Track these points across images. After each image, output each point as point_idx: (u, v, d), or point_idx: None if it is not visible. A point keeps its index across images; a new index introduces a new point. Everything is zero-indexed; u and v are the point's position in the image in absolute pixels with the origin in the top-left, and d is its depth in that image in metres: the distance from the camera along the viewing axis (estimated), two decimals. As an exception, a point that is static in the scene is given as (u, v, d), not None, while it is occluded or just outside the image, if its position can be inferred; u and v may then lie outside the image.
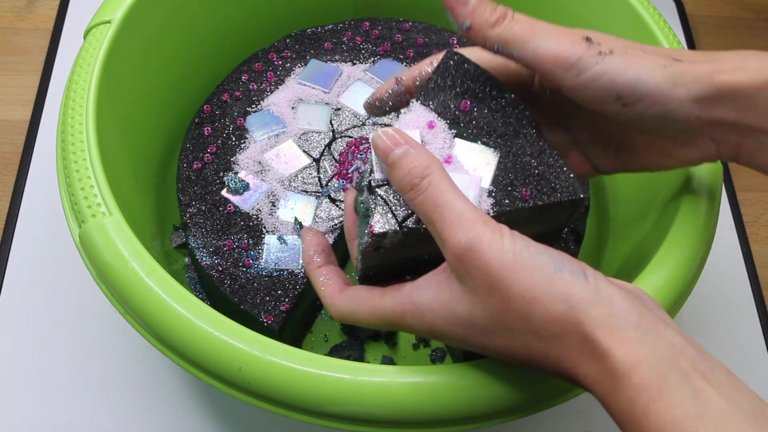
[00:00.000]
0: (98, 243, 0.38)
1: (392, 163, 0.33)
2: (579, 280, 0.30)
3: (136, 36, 0.47)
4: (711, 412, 0.26)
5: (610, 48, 0.34)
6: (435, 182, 0.32)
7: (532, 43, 0.34)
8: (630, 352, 0.28)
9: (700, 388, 0.27)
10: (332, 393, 0.34)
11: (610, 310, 0.29)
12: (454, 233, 0.30)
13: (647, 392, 0.27)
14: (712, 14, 0.81)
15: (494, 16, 0.35)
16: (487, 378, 0.34)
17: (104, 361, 0.53)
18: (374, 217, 0.33)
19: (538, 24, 0.35)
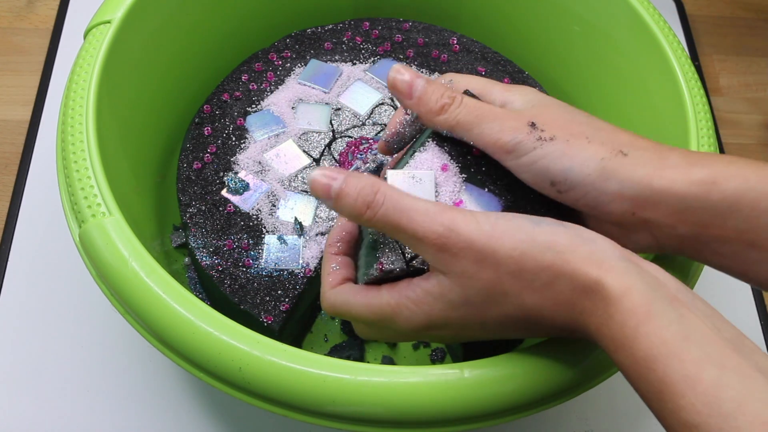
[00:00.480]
0: (98, 243, 0.38)
1: (337, 194, 0.33)
2: (559, 228, 0.31)
3: (136, 36, 0.48)
4: (696, 335, 0.27)
5: (552, 134, 0.34)
6: (389, 194, 0.32)
7: (477, 129, 0.35)
8: (619, 279, 0.29)
9: (684, 314, 0.28)
10: (332, 393, 0.34)
11: (594, 248, 0.31)
12: (428, 227, 0.31)
13: (637, 316, 0.28)
14: (712, 14, 0.81)
15: (438, 104, 0.36)
16: (486, 378, 0.34)
17: (104, 361, 0.53)
18: (384, 253, 0.35)
19: (483, 109, 0.35)
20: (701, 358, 0.27)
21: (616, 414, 0.54)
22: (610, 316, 0.29)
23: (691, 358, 0.27)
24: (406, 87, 0.36)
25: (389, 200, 0.32)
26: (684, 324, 0.28)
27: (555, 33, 0.57)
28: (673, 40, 0.48)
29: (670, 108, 0.47)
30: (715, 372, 0.26)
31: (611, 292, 0.29)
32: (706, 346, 0.27)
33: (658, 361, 0.27)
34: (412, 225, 0.32)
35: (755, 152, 0.72)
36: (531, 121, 0.34)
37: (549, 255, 0.31)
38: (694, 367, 0.27)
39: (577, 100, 0.57)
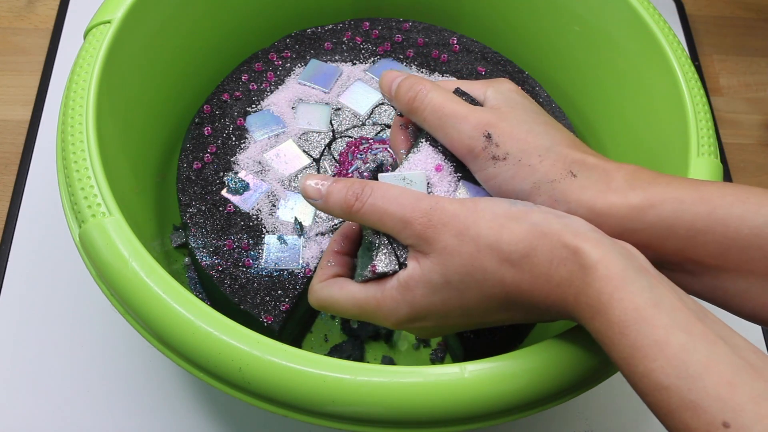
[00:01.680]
0: (98, 243, 0.38)
1: (327, 193, 0.35)
2: (532, 207, 0.33)
3: (136, 36, 0.47)
4: (665, 303, 0.29)
5: (506, 152, 0.35)
6: (376, 186, 0.35)
7: (441, 130, 0.37)
8: (595, 247, 0.30)
9: (654, 283, 0.29)
10: (332, 393, 0.34)
11: (568, 221, 0.32)
12: (415, 208, 0.33)
13: (612, 282, 0.29)
14: (712, 14, 0.81)
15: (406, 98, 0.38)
16: (487, 378, 0.34)
17: (104, 361, 0.53)
18: (378, 256, 0.35)
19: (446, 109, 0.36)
20: (670, 324, 0.28)
21: (616, 414, 0.54)
22: (587, 284, 0.30)
23: (661, 323, 0.28)
24: (387, 87, 0.39)
25: (377, 191, 0.34)
26: (654, 292, 0.29)
27: (555, 33, 0.57)
28: (673, 40, 0.48)
29: (670, 108, 0.47)
30: (683, 337, 0.27)
31: (588, 259, 0.30)
32: (674, 313, 0.28)
33: (630, 327, 0.28)
34: (400, 209, 0.34)
35: (755, 152, 0.72)
36: (487, 132, 0.35)
37: (526, 226, 0.32)
38: (664, 332, 0.28)
39: (577, 100, 0.57)
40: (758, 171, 0.71)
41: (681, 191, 0.34)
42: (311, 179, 0.36)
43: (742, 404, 0.26)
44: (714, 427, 0.26)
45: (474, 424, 0.35)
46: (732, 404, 0.26)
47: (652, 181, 0.35)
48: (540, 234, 0.32)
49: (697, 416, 0.26)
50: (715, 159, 0.44)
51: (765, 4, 0.82)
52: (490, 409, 0.34)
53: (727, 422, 0.25)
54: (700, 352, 0.27)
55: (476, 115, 0.36)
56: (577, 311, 0.31)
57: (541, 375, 0.35)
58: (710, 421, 0.26)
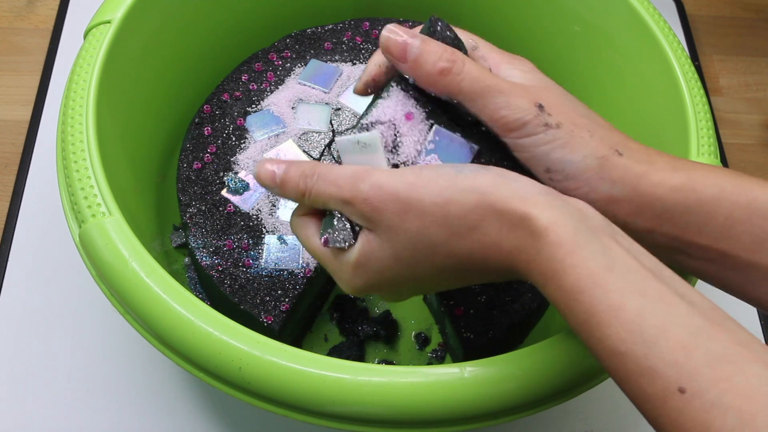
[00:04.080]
0: (98, 243, 0.38)
1: (282, 180, 0.35)
2: (480, 171, 0.32)
3: (136, 36, 0.47)
4: (619, 266, 0.28)
5: (558, 121, 0.34)
6: (320, 170, 0.34)
7: (481, 101, 0.34)
8: (544, 212, 0.29)
9: (607, 245, 0.29)
10: (332, 393, 0.34)
11: (517, 185, 0.31)
12: (356, 188, 0.33)
13: (563, 248, 0.29)
14: (712, 14, 0.81)
15: (437, 68, 0.34)
16: (486, 378, 0.34)
17: (104, 361, 0.53)
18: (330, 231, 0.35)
19: (489, 80, 0.34)
20: (624, 288, 0.27)
21: (616, 414, 0.54)
22: (537, 251, 0.29)
23: (615, 287, 0.27)
24: (399, 49, 0.35)
25: (320, 176, 0.34)
26: (607, 255, 0.28)
27: (555, 33, 0.57)
28: (673, 40, 0.48)
29: (670, 108, 0.47)
30: (638, 300, 0.27)
31: (537, 225, 0.29)
32: (628, 275, 0.28)
33: (584, 293, 0.28)
34: (340, 191, 0.33)
35: (755, 152, 0.72)
36: (539, 103, 0.34)
37: (473, 197, 0.31)
38: (618, 296, 0.27)
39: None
40: (758, 171, 0.71)
41: (722, 179, 0.34)
42: (267, 164, 0.36)
43: (698, 368, 0.25)
44: (670, 392, 0.26)
45: (474, 424, 0.35)
46: (688, 369, 0.25)
47: (694, 166, 0.34)
48: (488, 204, 0.31)
49: (653, 382, 0.26)
50: (715, 159, 0.44)
51: (765, 4, 0.82)
52: (490, 409, 0.34)
53: (683, 387, 0.25)
54: (656, 316, 0.27)
55: (523, 88, 0.35)
56: (530, 277, 0.30)
57: (541, 375, 0.35)
58: (666, 387, 0.26)
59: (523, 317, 0.47)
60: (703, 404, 0.25)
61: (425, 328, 0.54)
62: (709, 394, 0.25)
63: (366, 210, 0.33)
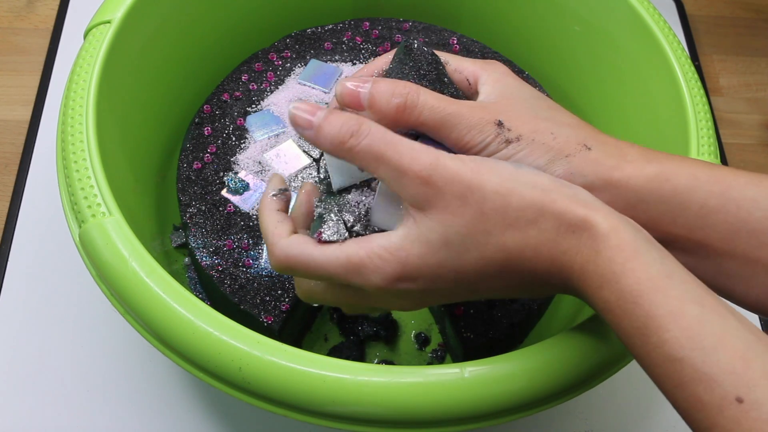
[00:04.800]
0: (98, 243, 0.38)
1: (320, 124, 0.32)
2: (538, 172, 0.32)
3: (136, 36, 0.47)
4: (677, 275, 0.29)
5: (518, 134, 0.34)
6: (374, 127, 0.32)
7: (443, 131, 0.34)
8: (606, 218, 0.30)
9: (664, 255, 0.29)
10: (332, 393, 0.34)
11: (576, 191, 0.32)
12: (416, 159, 0.31)
13: (625, 252, 0.29)
14: (712, 14, 0.81)
15: (392, 106, 0.34)
16: (486, 378, 0.34)
17: (104, 361, 0.53)
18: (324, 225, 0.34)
19: (447, 109, 0.34)
20: (683, 295, 0.28)
21: (616, 414, 0.54)
22: (597, 252, 0.29)
23: (675, 294, 0.28)
24: (353, 98, 0.34)
25: (375, 131, 0.32)
26: (666, 263, 0.29)
27: (555, 33, 0.57)
28: (673, 40, 0.48)
29: (670, 108, 0.47)
30: (697, 309, 0.27)
31: (599, 228, 0.30)
32: (686, 285, 0.28)
33: (644, 297, 0.28)
34: (398, 156, 0.31)
35: (755, 152, 0.72)
36: (498, 120, 0.34)
37: (535, 192, 0.31)
38: (678, 302, 0.27)
39: (578, 100, 0.57)
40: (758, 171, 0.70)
41: (695, 168, 0.34)
42: (303, 105, 0.33)
43: (756, 379, 0.25)
44: (727, 401, 0.25)
45: (474, 424, 0.35)
46: (746, 379, 0.25)
47: (667, 157, 0.34)
48: (550, 200, 0.31)
49: (710, 389, 0.26)
50: (715, 159, 0.44)
51: (765, 4, 0.82)
52: (490, 409, 0.34)
53: (741, 397, 0.25)
54: (713, 325, 0.27)
55: (481, 108, 0.35)
56: (582, 280, 0.30)
57: (540, 375, 0.35)
58: (724, 396, 0.25)
59: (523, 317, 0.47)
60: (760, 415, 0.25)
61: (425, 328, 0.54)
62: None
63: (423, 186, 0.31)
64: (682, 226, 0.34)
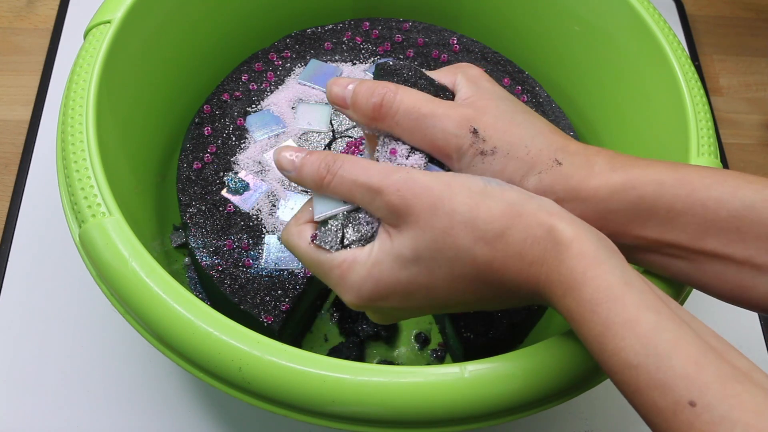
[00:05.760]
0: (98, 243, 0.38)
1: (301, 165, 0.35)
2: (506, 186, 0.33)
3: (136, 36, 0.47)
4: (635, 283, 0.29)
5: (494, 146, 0.35)
6: (347, 158, 0.34)
7: (418, 133, 0.35)
8: (569, 226, 0.31)
9: (624, 262, 0.30)
10: (332, 393, 0.34)
11: (542, 202, 0.32)
12: (388, 177, 0.33)
13: (585, 260, 0.29)
14: (712, 14, 0.81)
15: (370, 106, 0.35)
16: (486, 378, 0.34)
17: (104, 361, 0.53)
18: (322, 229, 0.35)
19: (422, 109, 0.35)
20: (640, 303, 0.28)
21: (616, 414, 0.54)
22: (561, 261, 0.30)
23: (632, 302, 0.28)
24: (340, 97, 0.36)
25: (347, 162, 0.34)
26: (625, 271, 0.29)
27: (555, 33, 0.57)
28: (673, 40, 0.48)
29: (670, 108, 0.47)
30: (653, 316, 0.28)
31: (563, 236, 0.30)
32: (643, 293, 0.29)
33: (602, 305, 0.28)
34: (368, 177, 0.33)
35: (755, 152, 0.72)
36: (473, 127, 0.35)
37: (502, 205, 0.32)
38: (635, 310, 0.28)
39: (577, 100, 0.57)
40: (758, 171, 0.71)
41: (661, 173, 0.34)
42: (286, 151, 0.36)
43: (708, 383, 0.26)
44: (681, 405, 0.26)
45: (474, 424, 0.35)
46: (699, 383, 0.26)
47: (633, 164, 0.35)
48: (516, 213, 0.31)
49: (664, 395, 0.26)
50: (715, 159, 0.44)
51: (765, 4, 0.82)
52: (490, 409, 0.34)
53: (694, 401, 0.26)
54: (668, 332, 0.27)
55: (457, 111, 0.35)
56: (548, 290, 0.31)
57: (540, 375, 0.35)
58: (677, 400, 0.26)
59: (523, 317, 0.47)
60: (712, 418, 0.25)
61: (425, 328, 0.54)
62: (719, 408, 0.25)
63: (395, 201, 0.32)
64: (653, 230, 0.34)
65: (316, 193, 0.36)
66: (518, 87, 0.56)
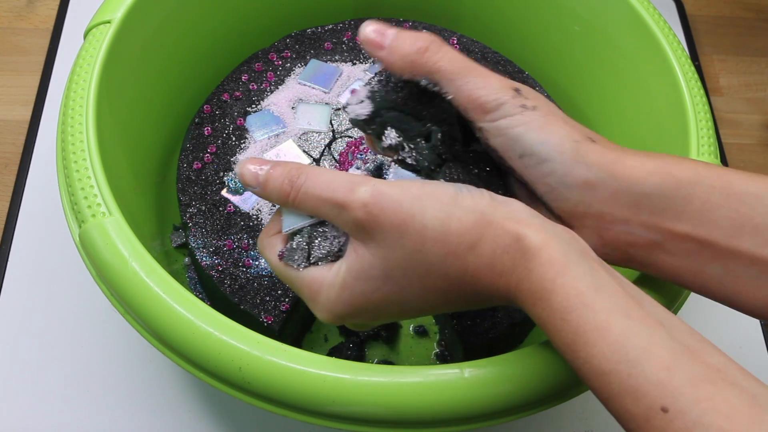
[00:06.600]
0: (98, 243, 0.38)
1: (264, 180, 0.34)
2: (477, 193, 0.32)
3: (136, 36, 0.47)
4: (606, 287, 0.28)
5: (535, 104, 0.34)
6: (311, 171, 0.33)
7: (459, 80, 0.34)
8: (537, 233, 0.30)
9: (594, 267, 0.29)
10: (332, 393, 0.34)
11: (511, 208, 0.31)
12: (353, 193, 0.31)
13: (554, 268, 0.29)
14: (712, 14, 0.81)
15: (414, 47, 0.34)
16: (486, 378, 0.34)
17: (104, 361, 0.53)
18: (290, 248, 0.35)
19: (467, 61, 0.34)
20: (610, 309, 0.28)
21: (616, 414, 0.54)
22: (529, 270, 0.29)
23: (602, 308, 0.28)
24: (377, 36, 0.35)
25: (311, 176, 0.33)
26: (595, 276, 0.29)
27: (555, 33, 0.57)
28: (673, 40, 0.48)
29: (670, 108, 0.47)
30: (624, 321, 0.27)
31: (531, 245, 0.30)
32: (614, 297, 0.28)
33: (572, 312, 0.28)
34: (334, 196, 0.32)
35: (755, 152, 0.72)
36: (516, 87, 0.34)
37: (473, 216, 0.31)
38: (605, 317, 0.28)
39: (577, 100, 0.57)
40: (758, 171, 0.70)
41: (696, 164, 0.34)
42: (250, 164, 0.34)
43: (680, 388, 0.26)
44: (653, 411, 0.26)
45: (474, 424, 0.35)
46: (670, 388, 0.26)
47: (668, 155, 0.35)
48: (486, 223, 0.31)
49: (636, 401, 0.26)
50: (715, 159, 0.44)
51: (765, 4, 0.82)
52: (490, 409, 0.34)
53: (666, 407, 0.26)
54: (639, 337, 0.27)
55: (499, 76, 0.35)
56: (519, 298, 0.30)
57: (540, 375, 0.35)
58: (650, 406, 0.26)
59: (523, 317, 0.47)
60: (685, 423, 0.25)
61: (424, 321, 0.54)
62: (691, 413, 0.25)
63: (362, 217, 0.31)
64: (686, 223, 0.33)
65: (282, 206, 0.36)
66: (518, 87, 0.56)
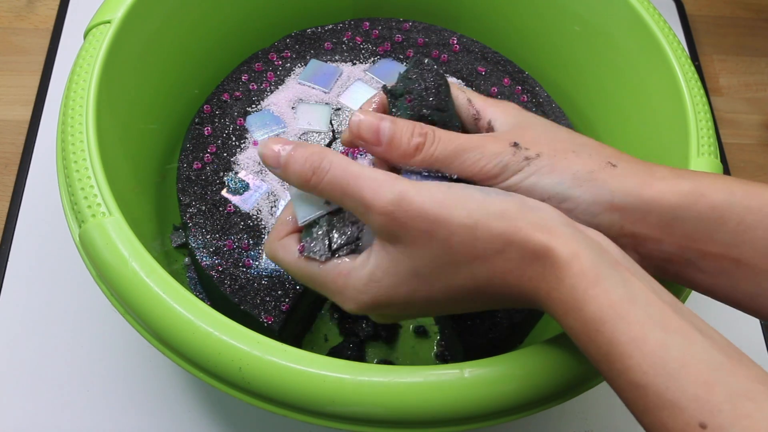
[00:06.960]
0: (98, 243, 0.38)
1: (286, 161, 0.33)
2: (506, 197, 0.32)
3: (136, 36, 0.47)
4: (640, 298, 0.28)
5: (538, 152, 0.34)
6: (336, 160, 0.32)
7: (457, 161, 0.34)
8: (567, 244, 0.30)
9: (628, 278, 0.29)
10: (332, 393, 0.34)
11: (541, 215, 0.31)
12: (379, 193, 0.31)
13: (586, 279, 0.29)
14: (712, 14, 0.81)
15: (412, 146, 0.34)
16: (486, 378, 0.34)
17: (104, 361, 0.53)
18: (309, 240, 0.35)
19: (460, 139, 0.34)
20: (646, 320, 0.27)
21: (616, 414, 0.54)
22: (560, 280, 0.29)
23: (637, 320, 0.27)
24: (372, 134, 0.34)
25: (336, 166, 0.32)
26: (628, 287, 0.28)
27: (555, 33, 0.57)
28: (673, 40, 0.48)
29: (670, 108, 0.47)
30: (660, 334, 0.27)
31: (560, 257, 0.29)
32: (649, 308, 0.28)
33: (606, 324, 0.28)
34: (359, 192, 0.32)
35: (755, 152, 0.72)
36: (513, 142, 0.34)
37: (501, 223, 0.31)
38: (641, 328, 0.27)
39: (577, 100, 0.57)
40: (758, 171, 0.71)
41: (731, 183, 0.33)
42: (273, 143, 0.34)
43: (720, 404, 0.25)
44: (691, 427, 0.25)
45: (474, 424, 0.35)
46: (709, 405, 0.25)
47: (698, 174, 0.34)
48: (515, 230, 0.30)
49: (674, 416, 0.26)
50: (715, 159, 0.44)
51: (765, 4, 0.82)
52: (490, 409, 0.34)
53: (704, 423, 0.25)
54: (677, 349, 0.27)
55: (493, 136, 0.34)
56: (549, 306, 0.30)
57: (540, 375, 0.35)
58: (687, 422, 0.26)
59: (523, 317, 0.47)
60: None
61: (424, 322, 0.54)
62: (731, 430, 0.25)
63: (389, 224, 0.31)
64: (720, 244, 0.33)
65: (294, 197, 0.36)
66: (518, 87, 0.56)
